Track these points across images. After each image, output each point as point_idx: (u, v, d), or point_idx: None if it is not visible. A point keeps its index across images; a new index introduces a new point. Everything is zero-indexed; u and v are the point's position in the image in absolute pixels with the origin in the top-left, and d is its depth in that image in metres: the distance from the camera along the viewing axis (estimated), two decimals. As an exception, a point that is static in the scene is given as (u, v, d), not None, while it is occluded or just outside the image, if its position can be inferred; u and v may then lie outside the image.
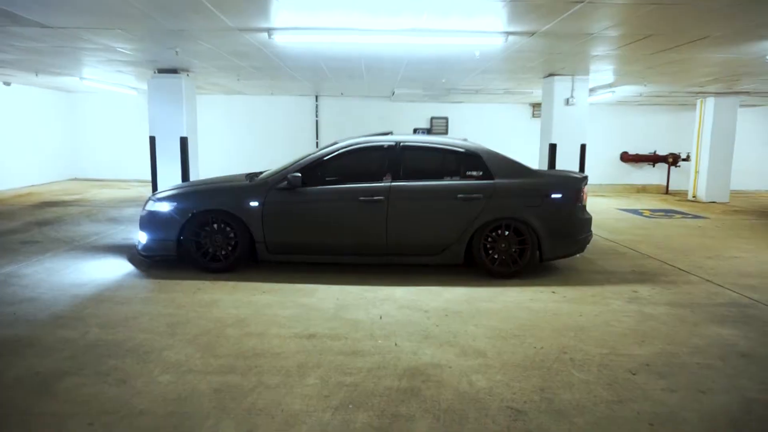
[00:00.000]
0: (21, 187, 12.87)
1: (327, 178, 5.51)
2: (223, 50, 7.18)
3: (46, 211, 9.40)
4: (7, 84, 12.47)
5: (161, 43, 6.73)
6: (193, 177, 9.89)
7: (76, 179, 15.11)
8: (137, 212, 9.07)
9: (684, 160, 14.30)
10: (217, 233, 5.44)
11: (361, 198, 5.31)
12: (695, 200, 13.03)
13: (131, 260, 5.96)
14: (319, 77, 10.28)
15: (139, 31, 6.02)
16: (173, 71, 9.34)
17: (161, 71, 9.36)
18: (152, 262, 5.83)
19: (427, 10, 4.91)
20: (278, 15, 5.19)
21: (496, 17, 5.13)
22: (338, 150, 5.54)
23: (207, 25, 5.60)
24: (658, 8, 4.63)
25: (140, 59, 8.13)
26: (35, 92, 13.59)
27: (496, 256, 5.42)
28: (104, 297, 4.66)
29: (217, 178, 6.62)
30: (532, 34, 5.75)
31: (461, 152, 5.57)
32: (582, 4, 4.51)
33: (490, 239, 5.41)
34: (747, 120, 14.73)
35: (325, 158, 5.51)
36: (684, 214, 10.53)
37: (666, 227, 8.96)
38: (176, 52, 7.23)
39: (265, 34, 5.92)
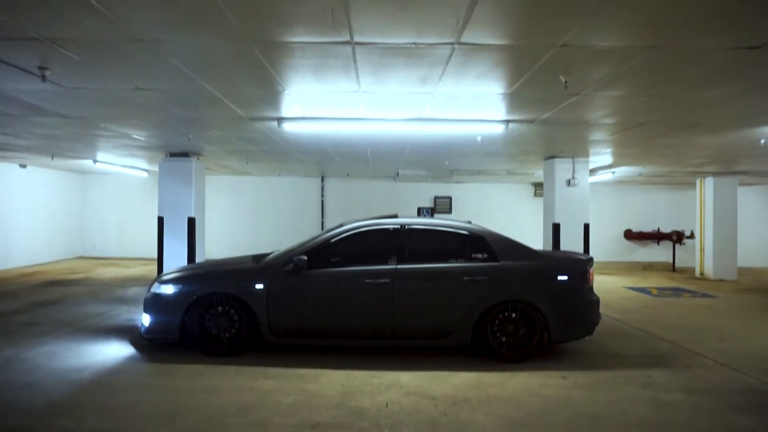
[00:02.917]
0: (27, 266, 12.96)
1: (333, 260, 5.55)
2: (234, 136, 7.48)
3: (50, 290, 9.39)
4: (23, 166, 12.90)
5: (175, 131, 7.03)
6: (199, 256, 9.96)
7: (82, 257, 15.22)
8: (141, 292, 9.06)
9: (688, 237, 14.34)
10: (221, 316, 5.40)
11: (367, 281, 5.31)
12: (703, 278, 12.92)
13: (133, 343, 5.88)
14: (325, 160, 10.61)
15: (154, 121, 6.31)
16: (184, 155, 9.68)
17: (173, 155, 9.70)
18: (154, 344, 5.75)
19: (429, 103, 5.17)
20: (288, 107, 5.46)
21: (496, 109, 5.38)
22: (344, 233, 5.62)
23: (220, 115, 5.88)
24: (650, 99, 4.86)
25: (153, 144, 8.46)
26: (48, 173, 14.01)
27: (503, 339, 5.33)
28: (104, 383, 4.56)
29: (223, 259, 6.66)
30: (532, 121, 6.00)
31: (466, 235, 5.64)
32: (578, 96, 4.74)
33: (497, 322, 5.34)
34: (749, 198, 14.94)
35: (331, 241, 5.57)
36: (693, 293, 10.40)
37: (675, 306, 8.83)
38: (189, 138, 7.54)
39: (275, 123, 6.20)
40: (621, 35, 3.28)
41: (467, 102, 5.13)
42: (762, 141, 7.20)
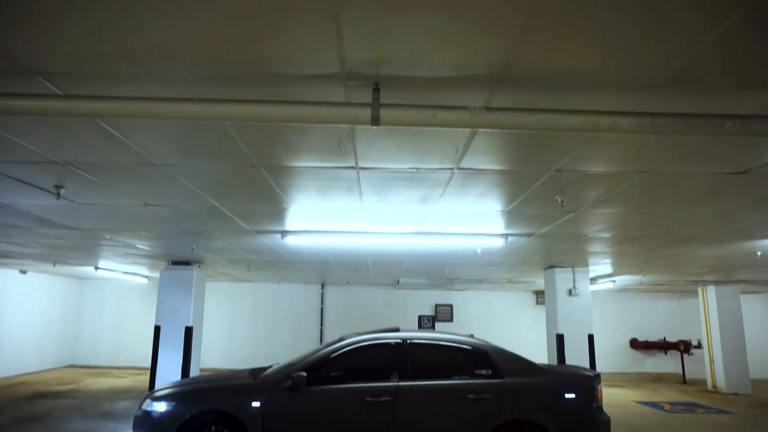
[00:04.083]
0: (15, 375, 12.50)
1: (332, 375, 5.37)
2: (237, 247, 7.58)
3: (36, 403, 8.98)
4: (23, 272, 12.91)
5: (179, 241, 7.14)
6: (194, 367, 9.66)
7: (72, 366, 14.73)
8: (130, 405, 8.68)
9: (696, 347, 13.98)
10: (214, 437, 5.12)
11: (368, 399, 5.11)
12: (716, 391, 12.40)
13: (118, 467, 5.52)
14: (326, 269, 10.65)
15: (160, 233, 6.44)
16: (186, 263, 9.73)
17: (175, 263, 9.76)
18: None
19: (430, 218, 5.31)
20: (292, 221, 5.61)
21: (496, 223, 5.52)
22: (344, 347, 5.49)
23: (225, 228, 6.01)
24: (644, 216, 5.00)
25: (157, 253, 8.55)
26: (48, 279, 13.97)
27: (512, 465, 5.02)
28: None
29: (219, 374, 6.46)
30: (530, 235, 6.12)
31: (468, 350, 5.52)
32: (574, 213, 4.89)
33: (504, 444, 5.06)
34: (752, 306, 14.77)
35: (331, 356, 5.43)
36: (707, 408, 9.94)
37: (691, 425, 8.40)
38: (192, 248, 7.64)
39: (279, 235, 6.32)
40: (611, 163, 3.45)
41: (467, 217, 5.27)
42: (758, 253, 7.28)
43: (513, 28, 1.90)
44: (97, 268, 11.08)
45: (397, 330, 5.89)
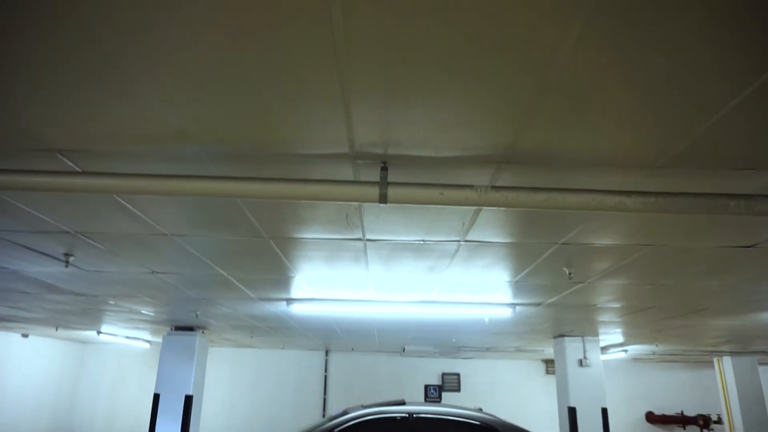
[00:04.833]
0: (3, 448, 12.07)
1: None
2: (242, 314, 7.51)
3: (26, 478, 8.62)
4: (25, 336, 12.75)
5: (184, 308, 7.10)
6: (191, 439, 9.32)
7: (66, 435, 14.24)
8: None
9: (716, 422, 13.37)
10: None
11: (372, 479, 4.90)
12: (741, 472, 11.75)
13: None
14: (331, 336, 10.48)
15: (165, 299, 6.42)
16: (189, 328, 9.60)
17: (178, 328, 9.62)
18: None
19: (437, 287, 5.27)
20: (297, 288, 5.58)
21: (503, 293, 5.47)
22: (348, 422, 5.33)
23: (230, 295, 5.98)
24: (654, 287, 4.95)
25: (161, 319, 8.47)
26: (49, 343, 13.75)
27: None
28: None
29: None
30: (539, 305, 6.05)
31: (477, 425, 5.33)
32: (582, 284, 4.85)
33: None
34: (770, 379, 14.26)
35: (335, 431, 5.26)
36: (731, 491, 9.39)
37: None
38: (197, 314, 7.57)
39: (284, 303, 6.28)
40: (617, 236, 3.46)
41: (474, 287, 5.23)
42: (773, 325, 7.13)
43: (518, 113, 1.97)
44: (99, 332, 10.95)
45: (403, 403, 5.72)
